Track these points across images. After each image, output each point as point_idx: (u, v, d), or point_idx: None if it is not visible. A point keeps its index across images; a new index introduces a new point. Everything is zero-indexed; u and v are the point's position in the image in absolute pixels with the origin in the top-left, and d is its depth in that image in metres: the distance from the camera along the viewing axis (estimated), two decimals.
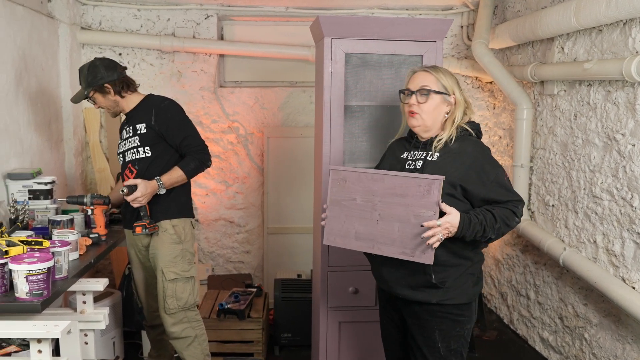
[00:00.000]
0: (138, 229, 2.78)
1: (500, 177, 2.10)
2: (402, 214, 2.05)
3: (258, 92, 4.50)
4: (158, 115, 2.86)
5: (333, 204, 2.21)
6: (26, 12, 3.41)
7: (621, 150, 2.93)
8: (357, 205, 2.15)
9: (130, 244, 3.07)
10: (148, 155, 2.87)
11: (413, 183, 2.02)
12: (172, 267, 2.89)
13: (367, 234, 2.14)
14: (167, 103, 2.93)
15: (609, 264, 3.05)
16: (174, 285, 2.90)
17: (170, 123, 2.87)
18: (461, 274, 2.14)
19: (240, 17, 4.48)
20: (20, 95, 3.31)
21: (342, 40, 2.91)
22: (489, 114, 4.65)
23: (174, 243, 2.90)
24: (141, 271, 3.10)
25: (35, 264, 2.03)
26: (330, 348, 3.13)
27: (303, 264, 4.48)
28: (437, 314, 2.15)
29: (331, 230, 2.22)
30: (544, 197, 3.73)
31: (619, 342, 3.03)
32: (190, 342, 2.97)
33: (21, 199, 3.01)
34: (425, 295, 2.14)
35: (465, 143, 2.14)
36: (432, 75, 2.17)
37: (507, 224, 2.07)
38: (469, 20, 4.50)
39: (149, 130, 2.86)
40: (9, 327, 1.95)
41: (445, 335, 2.15)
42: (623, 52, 2.88)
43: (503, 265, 4.41)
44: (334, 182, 2.21)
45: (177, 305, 2.91)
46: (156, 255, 2.90)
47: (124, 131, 2.96)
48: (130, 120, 2.94)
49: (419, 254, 2.02)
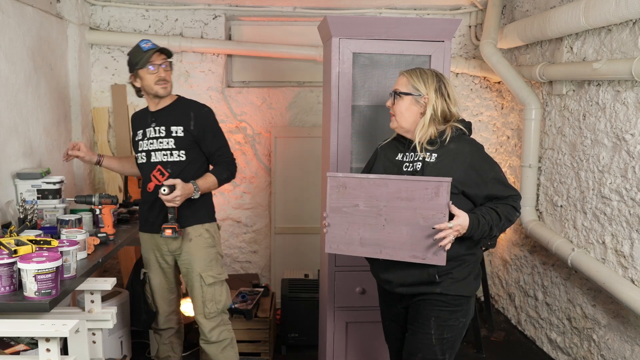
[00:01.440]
0: (168, 231, 2.73)
1: (498, 173, 2.16)
2: (409, 218, 2.05)
3: (266, 92, 4.50)
4: (197, 121, 2.83)
5: (333, 212, 2.19)
6: (35, 13, 3.43)
7: (630, 150, 2.91)
8: (361, 211, 2.14)
9: (149, 248, 2.98)
10: (182, 159, 2.82)
11: (420, 186, 2.03)
12: (209, 270, 2.89)
13: (373, 240, 2.13)
14: (206, 110, 2.90)
15: (617, 265, 3.04)
16: (213, 289, 2.90)
17: (208, 130, 2.85)
18: (465, 267, 2.18)
19: (248, 17, 4.48)
20: (30, 95, 3.32)
21: (350, 40, 2.91)
22: (497, 114, 4.64)
23: (209, 247, 2.90)
24: (159, 276, 3.01)
25: (44, 263, 2.04)
26: (337, 348, 3.13)
27: (310, 264, 4.48)
28: (436, 303, 2.17)
29: (333, 238, 2.21)
30: (552, 198, 3.72)
31: (627, 344, 3.01)
32: (226, 345, 2.97)
33: (30, 199, 3.02)
34: (428, 287, 2.17)
35: (461, 143, 2.16)
36: (405, 78, 2.22)
37: (510, 219, 2.13)
38: (477, 20, 4.49)
39: (187, 134, 2.81)
40: (18, 326, 1.95)
41: (440, 323, 2.17)
42: (632, 52, 2.87)
43: (511, 266, 4.39)
44: (333, 189, 2.19)
45: (217, 309, 2.91)
46: (191, 260, 2.87)
47: (150, 130, 2.86)
48: (159, 120, 2.86)
49: (430, 256, 2.04)
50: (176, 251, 2.89)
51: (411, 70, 2.23)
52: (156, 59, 2.76)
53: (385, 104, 2.28)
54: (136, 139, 2.95)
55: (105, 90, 4.36)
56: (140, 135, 2.92)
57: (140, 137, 2.91)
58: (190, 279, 2.90)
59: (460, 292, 2.17)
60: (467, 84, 4.62)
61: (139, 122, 2.96)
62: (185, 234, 2.85)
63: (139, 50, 2.76)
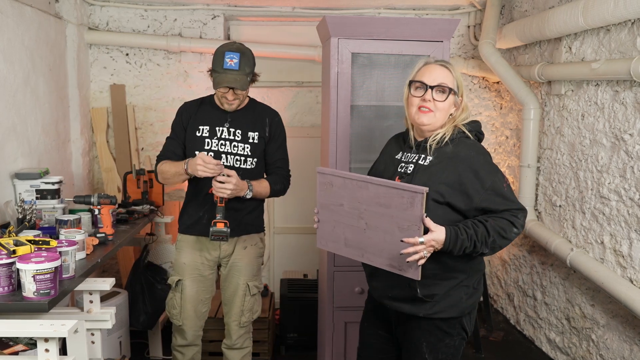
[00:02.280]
0: (220, 224, 2.55)
1: (497, 184, 1.93)
2: (387, 225, 1.91)
3: (265, 92, 4.50)
4: (272, 129, 2.77)
5: (323, 208, 2.12)
6: (34, 13, 3.43)
7: (629, 150, 2.92)
8: (345, 211, 2.03)
9: (192, 252, 2.79)
10: (253, 167, 2.74)
11: (395, 194, 1.87)
12: (255, 280, 2.86)
13: (356, 242, 2.02)
14: (279, 118, 2.85)
15: (616, 265, 3.04)
16: (254, 299, 2.88)
17: (277, 140, 2.80)
18: (453, 287, 2.00)
19: (246, 17, 4.48)
20: (28, 95, 3.32)
21: (349, 40, 2.91)
22: (496, 114, 4.64)
23: (259, 257, 2.88)
24: (196, 284, 2.81)
25: (43, 263, 2.04)
26: (336, 348, 3.13)
27: (309, 264, 4.48)
28: (424, 327, 2.04)
29: (323, 234, 2.14)
30: (551, 198, 3.72)
31: (626, 343, 3.01)
32: (247, 352, 2.95)
33: (29, 199, 3.02)
34: (411, 308, 2.02)
35: (460, 147, 1.98)
36: (451, 73, 2.00)
37: (504, 237, 1.89)
38: (476, 20, 4.49)
39: (261, 141, 2.74)
40: (17, 326, 1.95)
41: (433, 347, 2.04)
42: (631, 52, 2.87)
43: (510, 265, 4.40)
44: (322, 186, 2.10)
45: (252, 319, 2.90)
46: (240, 268, 2.82)
47: (224, 130, 2.71)
48: (235, 122, 2.73)
49: (406, 267, 1.88)
50: (225, 257, 2.82)
51: (451, 65, 2.02)
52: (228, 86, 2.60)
53: (421, 96, 1.99)
54: (200, 135, 2.73)
55: (104, 91, 4.36)
56: (207, 131, 2.72)
57: (208, 135, 2.72)
58: (234, 287, 2.84)
59: (448, 314, 2.00)
60: (466, 84, 4.62)
61: (207, 116, 2.75)
62: (240, 240, 2.80)
63: (220, 63, 2.58)
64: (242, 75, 2.59)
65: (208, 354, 3.52)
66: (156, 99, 4.39)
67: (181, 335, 2.88)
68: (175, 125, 2.80)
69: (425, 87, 1.98)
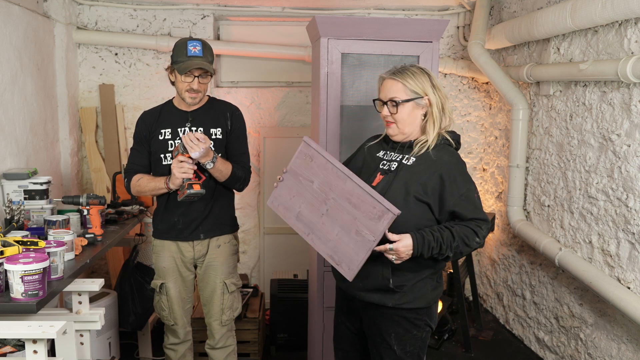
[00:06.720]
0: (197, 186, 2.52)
1: (471, 192, 2.04)
2: (346, 223, 1.99)
3: (254, 92, 4.50)
4: (233, 123, 2.78)
5: (291, 174, 2.16)
6: (22, 12, 3.40)
7: (616, 150, 2.94)
8: (312, 189, 2.09)
9: (170, 256, 2.81)
10: None
11: (370, 201, 1.93)
12: (232, 278, 2.87)
13: (308, 221, 2.10)
14: (240, 112, 2.85)
15: (604, 264, 3.06)
16: (232, 297, 2.88)
17: (239, 133, 2.81)
18: (420, 279, 2.10)
19: (236, 17, 4.48)
20: (16, 95, 3.30)
21: (339, 40, 2.92)
22: (485, 115, 4.66)
23: (233, 254, 2.89)
24: (178, 285, 2.85)
25: (31, 264, 2.03)
26: (327, 348, 3.13)
27: (299, 264, 4.48)
28: (392, 317, 2.11)
29: (279, 197, 2.20)
30: (539, 198, 3.74)
31: (614, 342, 3.04)
32: (231, 351, 2.95)
33: (17, 199, 3.00)
34: (381, 298, 2.10)
35: (442, 152, 2.08)
36: (399, 83, 2.08)
37: (467, 244, 2.00)
38: (465, 20, 4.51)
39: (224, 136, 2.75)
40: (5, 328, 1.94)
41: (401, 338, 2.12)
42: (618, 53, 2.89)
43: (499, 265, 4.42)
44: (301, 154, 2.14)
45: (233, 316, 2.90)
46: (217, 266, 2.82)
47: (186, 130, 2.71)
48: (197, 120, 2.73)
49: (344, 265, 1.99)
50: (200, 257, 2.83)
51: (400, 74, 2.10)
52: (196, 71, 2.61)
53: (381, 113, 2.15)
54: (162, 138, 2.73)
55: (93, 90, 4.34)
56: (169, 134, 2.73)
57: (170, 137, 2.73)
58: (212, 286, 2.84)
59: (415, 304, 2.09)
60: (456, 84, 4.64)
61: (167, 119, 2.76)
62: (212, 240, 2.81)
63: (183, 52, 2.61)
64: (206, 61, 2.63)
65: (198, 355, 3.51)
66: (145, 98, 4.37)
67: (173, 334, 2.91)
68: (137, 136, 2.81)
69: (382, 103, 2.14)
